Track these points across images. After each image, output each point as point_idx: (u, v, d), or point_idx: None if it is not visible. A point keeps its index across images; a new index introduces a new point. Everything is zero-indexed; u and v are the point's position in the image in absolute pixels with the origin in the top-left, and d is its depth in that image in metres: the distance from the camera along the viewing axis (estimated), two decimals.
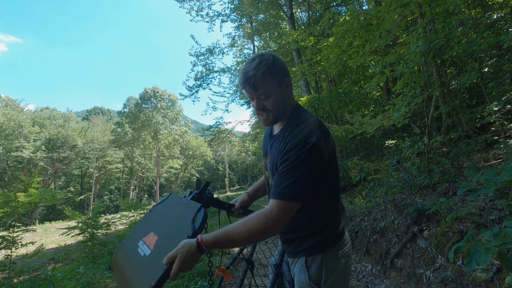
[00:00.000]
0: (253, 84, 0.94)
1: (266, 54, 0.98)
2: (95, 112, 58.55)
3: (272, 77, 0.95)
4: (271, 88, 0.96)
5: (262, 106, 0.98)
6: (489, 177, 1.53)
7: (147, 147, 33.16)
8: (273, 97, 0.97)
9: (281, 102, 0.99)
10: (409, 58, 3.10)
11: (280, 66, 0.98)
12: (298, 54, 7.66)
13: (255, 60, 0.95)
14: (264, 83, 0.94)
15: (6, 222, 4.37)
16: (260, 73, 0.93)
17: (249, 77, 0.93)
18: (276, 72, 0.96)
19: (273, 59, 0.96)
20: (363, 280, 2.92)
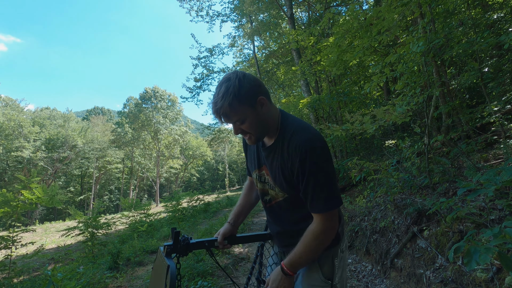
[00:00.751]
0: (224, 114, 0.92)
1: (232, 78, 0.92)
2: (95, 112, 58.57)
3: (241, 103, 0.91)
4: (244, 114, 0.93)
5: (240, 130, 0.98)
6: (489, 177, 1.53)
7: (147, 147, 33.17)
8: (248, 121, 0.95)
9: (258, 122, 0.97)
10: (409, 58, 3.10)
11: (249, 88, 0.92)
12: (298, 54, 7.66)
13: (221, 88, 0.91)
14: (234, 111, 0.91)
15: (6, 222, 4.37)
16: (227, 103, 0.89)
17: (217, 109, 0.91)
18: (244, 97, 0.91)
19: (239, 84, 0.91)
20: (363, 280, 2.92)
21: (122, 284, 3.48)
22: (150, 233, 7.36)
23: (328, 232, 0.94)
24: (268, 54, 12.36)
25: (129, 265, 4.23)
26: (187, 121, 37.98)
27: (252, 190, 1.34)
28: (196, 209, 10.66)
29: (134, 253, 4.71)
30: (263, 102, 0.96)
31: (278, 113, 1.04)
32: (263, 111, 0.97)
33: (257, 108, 0.95)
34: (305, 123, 1.00)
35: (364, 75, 7.91)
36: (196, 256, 3.83)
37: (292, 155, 0.94)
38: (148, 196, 41.80)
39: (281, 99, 13.72)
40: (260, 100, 0.95)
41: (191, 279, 3.17)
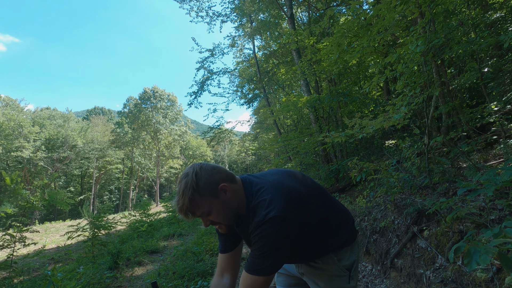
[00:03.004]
0: (188, 211, 0.91)
1: (189, 173, 0.92)
2: (95, 112, 58.61)
3: (202, 195, 0.91)
4: (208, 205, 0.93)
5: (209, 222, 0.97)
6: (489, 177, 1.53)
7: (147, 147, 33.17)
8: (214, 211, 0.94)
9: (225, 210, 0.96)
10: (409, 58, 3.10)
11: (207, 178, 0.93)
12: (298, 54, 7.66)
13: (181, 185, 0.92)
14: (196, 205, 0.91)
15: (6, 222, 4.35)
16: (187, 199, 0.89)
17: (180, 207, 0.91)
18: (204, 190, 0.91)
19: (196, 177, 0.91)
20: (363, 280, 2.93)
21: (122, 284, 3.48)
22: (150, 233, 7.36)
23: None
24: (268, 54, 12.35)
25: (129, 265, 4.23)
26: (187, 121, 37.98)
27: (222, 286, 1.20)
28: None
29: (134, 253, 4.71)
30: (226, 188, 0.95)
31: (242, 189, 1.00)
32: (228, 197, 0.96)
33: (220, 196, 0.94)
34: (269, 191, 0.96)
35: (364, 75, 7.91)
36: (196, 256, 3.83)
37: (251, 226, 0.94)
38: (148, 196, 41.78)
39: (281, 99, 13.73)
40: (222, 187, 0.94)
41: (191, 279, 3.17)
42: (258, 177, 1.06)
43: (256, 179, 1.05)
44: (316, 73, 6.85)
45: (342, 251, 1.10)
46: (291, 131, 11.83)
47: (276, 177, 1.05)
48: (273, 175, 1.07)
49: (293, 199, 0.95)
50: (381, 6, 3.49)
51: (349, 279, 1.12)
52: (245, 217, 1.00)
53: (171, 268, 3.55)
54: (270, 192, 0.95)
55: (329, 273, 1.10)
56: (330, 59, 4.90)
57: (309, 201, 1.01)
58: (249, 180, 1.04)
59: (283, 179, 1.04)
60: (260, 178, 1.05)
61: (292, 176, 1.09)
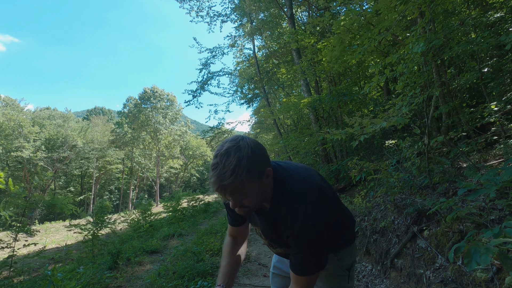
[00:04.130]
0: (230, 192, 0.79)
1: (243, 147, 0.79)
2: (95, 112, 58.64)
3: (251, 179, 0.79)
4: (251, 189, 0.82)
5: (239, 204, 0.86)
6: (489, 177, 1.53)
7: (147, 147, 33.17)
8: (252, 196, 0.84)
9: (260, 195, 0.88)
10: (409, 58, 3.10)
11: (261, 158, 0.83)
12: (298, 54, 7.66)
13: (229, 158, 0.76)
14: (242, 188, 0.79)
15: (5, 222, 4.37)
16: (238, 180, 0.76)
17: (224, 185, 0.77)
18: (257, 171, 0.80)
19: (252, 153, 0.79)
20: (363, 280, 2.93)
21: (122, 284, 3.48)
22: (150, 233, 7.36)
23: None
24: (268, 54, 12.35)
25: (129, 265, 4.23)
26: (186, 121, 37.98)
27: (236, 246, 1.20)
28: (196, 209, 10.67)
29: (134, 253, 4.71)
30: (269, 173, 0.87)
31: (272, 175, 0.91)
32: (268, 182, 0.88)
33: (262, 180, 0.85)
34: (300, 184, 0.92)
35: (364, 75, 7.91)
36: (196, 256, 3.83)
37: (288, 227, 0.90)
38: (148, 196, 41.79)
39: (281, 99, 13.72)
40: (268, 172, 0.86)
41: (191, 279, 3.17)
42: (283, 166, 0.98)
43: (281, 168, 0.97)
44: (317, 73, 6.85)
45: (343, 251, 1.10)
46: (291, 131, 11.83)
47: (303, 172, 0.98)
48: (298, 168, 1.00)
49: (327, 199, 0.94)
50: (380, 5, 3.50)
51: (348, 279, 1.13)
52: (270, 205, 0.94)
53: (171, 268, 3.55)
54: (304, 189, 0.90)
55: (328, 272, 1.10)
56: (332, 55, 4.89)
57: (334, 200, 1.03)
58: (277, 167, 0.96)
59: (310, 174, 0.99)
60: (285, 168, 0.97)
61: (315, 172, 1.05)
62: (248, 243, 4.96)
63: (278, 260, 1.33)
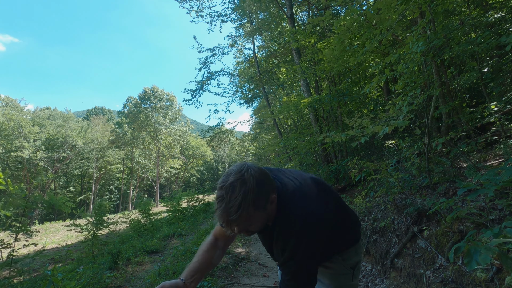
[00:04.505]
0: (237, 224, 0.80)
1: (248, 180, 0.79)
2: (95, 112, 58.63)
3: (258, 210, 0.81)
4: (255, 219, 0.84)
5: (245, 231, 0.87)
6: (489, 177, 1.53)
7: (147, 147, 33.17)
8: (258, 223, 0.86)
9: (264, 221, 0.89)
10: (409, 58, 3.10)
11: (265, 190, 0.84)
12: (298, 54, 7.66)
13: (235, 192, 0.77)
14: (248, 219, 0.80)
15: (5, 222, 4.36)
16: (245, 214, 0.77)
17: (230, 220, 0.78)
18: (260, 204, 0.81)
19: (257, 186, 0.79)
20: (363, 280, 2.93)
21: (122, 284, 3.48)
22: (150, 233, 7.36)
23: None
24: (268, 54, 12.36)
25: (129, 265, 4.23)
26: (186, 121, 37.98)
27: (215, 248, 1.13)
28: (196, 209, 10.67)
29: (134, 253, 4.71)
30: (274, 200, 0.88)
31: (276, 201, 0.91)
32: (272, 208, 0.89)
33: (267, 208, 0.85)
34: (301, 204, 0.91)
35: (364, 75, 7.91)
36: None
37: (280, 246, 0.92)
38: (148, 196, 41.77)
39: (281, 98, 13.71)
40: (272, 199, 0.87)
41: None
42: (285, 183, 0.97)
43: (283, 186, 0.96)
44: (317, 73, 6.85)
45: (347, 251, 1.13)
46: (291, 131, 11.83)
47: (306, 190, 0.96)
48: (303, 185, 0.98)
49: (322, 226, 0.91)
50: (380, 5, 3.49)
51: (352, 277, 1.15)
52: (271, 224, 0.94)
53: (171, 268, 3.55)
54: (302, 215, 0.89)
55: (333, 271, 1.14)
56: (332, 55, 4.88)
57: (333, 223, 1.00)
58: (280, 185, 0.95)
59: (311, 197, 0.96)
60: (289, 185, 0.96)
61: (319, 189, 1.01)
62: (248, 243, 4.94)
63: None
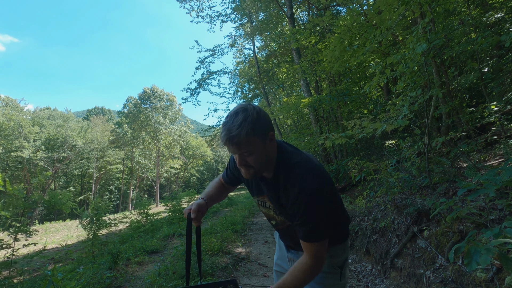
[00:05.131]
0: (236, 143, 0.91)
1: (249, 109, 0.93)
2: (95, 112, 58.61)
3: (256, 135, 0.92)
4: (254, 146, 0.93)
5: (244, 162, 0.97)
6: (489, 177, 1.53)
7: (147, 147, 33.17)
8: (256, 154, 0.95)
9: (264, 157, 0.98)
10: (410, 58, 3.10)
11: (264, 121, 0.96)
12: (298, 54, 7.66)
13: (238, 116, 0.91)
14: (247, 142, 0.91)
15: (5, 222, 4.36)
16: (244, 133, 0.89)
17: (231, 136, 0.90)
18: (260, 130, 0.93)
19: (257, 115, 0.93)
20: (363, 280, 2.93)
21: (122, 284, 3.48)
22: (150, 233, 7.36)
23: (316, 265, 0.98)
24: (268, 54, 12.36)
25: (129, 265, 4.22)
26: (186, 121, 37.98)
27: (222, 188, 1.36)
28: None
29: (134, 253, 4.71)
30: (272, 137, 0.99)
31: (278, 148, 1.04)
32: (270, 145, 0.99)
33: (267, 142, 0.97)
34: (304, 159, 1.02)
35: (364, 75, 7.92)
36: (196, 255, 3.82)
37: (288, 193, 0.99)
38: (148, 196, 41.76)
39: (281, 98, 13.72)
40: (271, 135, 0.98)
41: (191, 279, 3.17)
42: (290, 145, 1.11)
43: (288, 145, 1.10)
44: (317, 73, 6.85)
45: (335, 248, 1.13)
46: (291, 131, 11.83)
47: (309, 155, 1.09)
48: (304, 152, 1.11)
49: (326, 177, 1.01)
50: (381, 5, 3.49)
51: (340, 276, 1.16)
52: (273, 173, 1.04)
53: (171, 268, 3.55)
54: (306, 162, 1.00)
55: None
56: (333, 55, 4.88)
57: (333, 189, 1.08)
58: (284, 143, 1.09)
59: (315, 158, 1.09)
60: (292, 146, 1.10)
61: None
62: (248, 243, 4.93)
63: (279, 257, 1.38)
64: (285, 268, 1.29)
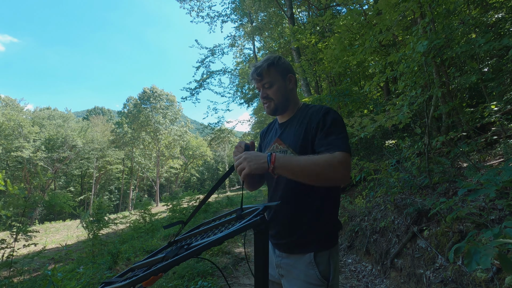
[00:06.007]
0: (259, 73, 1.11)
1: (273, 55, 1.16)
2: (95, 112, 58.59)
3: (276, 69, 1.12)
4: (274, 79, 1.12)
5: (265, 94, 1.14)
6: (489, 177, 1.53)
7: (147, 147, 33.15)
8: (275, 86, 1.12)
9: (283, 92, 1.14)
10: (410, 57, 3.10)
11: (285, 63, 1.16)
12: (298, 54, 7.66)
13: (264, 57, 1.15)
14: (268, 73, 1.11)
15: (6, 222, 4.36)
16: (266, 64, 1.11)
17: (257, 67, 1.12)
18: (280, 67, 1.13)
19: (279, 57, 1.15)
20: (363, 280, 2.92)
21: None
22: (150, 233, 7.36)
23: (338, 166, 0.89)
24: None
25: (129, 265, 4.22)
26: (186, 121, 37.97)
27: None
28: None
29: (134, 253, 4.71)
30: (292, 79, 1.17)
31: (301, 103, 1.21)
32: (290, 86, 1.17)
33: (286, 80, 1.15)
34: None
35: (364, 75, 7.91)
36: None
37: (312, 116, 1.08)
38: (148, 196, 41.74)
39: None
40: (290, 77, 1.17)
41: (191, 279, 3.17)
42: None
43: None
44: (317, 73, 6.84)
45: (321, 254, 1.03)
46: None
47: None
48: None
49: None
50: (379, 4, 3.49)
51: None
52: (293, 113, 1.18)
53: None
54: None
55: (306, 279, 1.03)
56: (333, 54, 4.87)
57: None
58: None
59: None
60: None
61: None
62: (248, 243, 4.96)
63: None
64: (272, 275, 1.18)
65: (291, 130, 1.12)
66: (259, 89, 1.16)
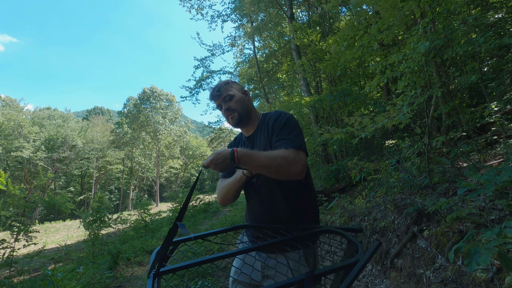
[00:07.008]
0: (218, 89, 1.21)
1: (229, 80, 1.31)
2: (95, 112, 58.54)
3: (232, 86, 1.25)
4: (233, 93, 1.22)
5: (228, 106, 1.21)
6: (489, 177, 1.53)
7: (147, 147, 33.14)
8: (235, 98, 1.22)
9: (243, 103, 1.23)
10: (411, 57, 3.10)
11: (238, 83, 1.31)
12: (298, 54, 7.66)
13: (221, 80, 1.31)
14: (226, 88, 1.22)
15: (6, 222, 4.36)
16: (222, 82, 1.25)
17: (214, 87, 1.24)
18: (235, 84, 1.27)
19: (233, 80, 1.32)
20: (363, 280, 2.92)
21: (122, 284, 3.48)
22: (150, 233, 7.36)
23: (293, 162, 0.98)
24: (268, 54, 12.35)
25: (129, 265, 4.23)
26: (186, 121, 37.95)
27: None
28: (196, 209, 10.67)
29: (134, 253, 4.71)
30: (247, 94, 1.30)
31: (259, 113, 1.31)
32: (247, 99, 1.28)
33: (243, 95, 1.27)
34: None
35: (364, 75, 7.91)
36: (196, 256, 3.83)
37: (269, 123, 1.18)
38: (148, 196, 41.72)
39: (281, 98, 13.70)
40: (245, 92, 1.30)
41: (191, 279, 3.17)
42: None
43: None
44: (319, 72, 6.83)
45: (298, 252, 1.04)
46: None
47: None
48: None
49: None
50: (380, 3, 3.48)
51: None
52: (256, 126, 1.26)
53: None
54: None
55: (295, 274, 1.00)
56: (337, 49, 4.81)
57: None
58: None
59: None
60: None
61: None
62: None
63: (241, 265, 1.18)
64: (254, 278, 1.13)
65: (260, 144, 1.19)
66: (221, 106, 1.23)
